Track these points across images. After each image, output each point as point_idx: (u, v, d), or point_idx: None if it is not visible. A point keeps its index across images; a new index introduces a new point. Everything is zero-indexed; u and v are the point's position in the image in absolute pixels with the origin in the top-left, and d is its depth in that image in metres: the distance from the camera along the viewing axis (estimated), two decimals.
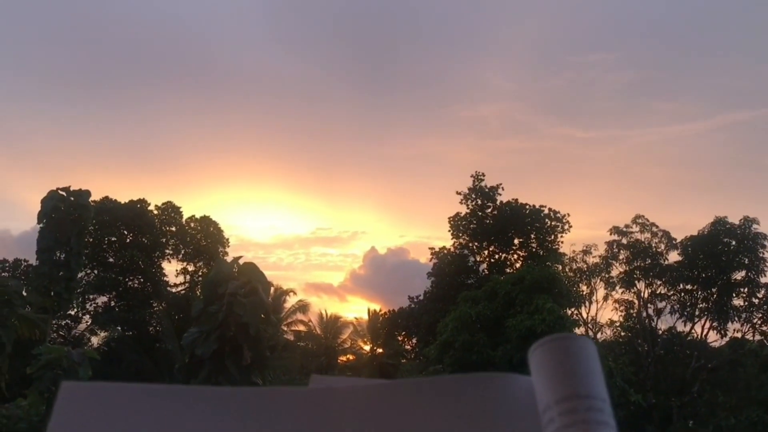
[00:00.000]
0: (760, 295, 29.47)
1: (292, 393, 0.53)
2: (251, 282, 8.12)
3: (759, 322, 29.58)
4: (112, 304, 36.61)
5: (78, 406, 0.49)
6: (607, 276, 31.30)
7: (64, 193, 18.21)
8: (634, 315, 30.97)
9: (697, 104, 48.71)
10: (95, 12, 51.71)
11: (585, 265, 31.89)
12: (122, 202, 37.62)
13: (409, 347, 38.65)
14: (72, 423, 0.48)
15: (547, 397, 0.47)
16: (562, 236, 36.55)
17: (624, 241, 31.15)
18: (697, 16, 50.16)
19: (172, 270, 39.49)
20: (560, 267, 29.58)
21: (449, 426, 0.49)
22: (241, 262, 8.35)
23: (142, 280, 37.43)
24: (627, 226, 31.41)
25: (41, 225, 18.08)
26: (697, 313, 30.25)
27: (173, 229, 39.45)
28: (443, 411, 0.50)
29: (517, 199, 36.91)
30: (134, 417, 0.49)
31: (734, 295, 29.72)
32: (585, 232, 53.32)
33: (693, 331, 30.53)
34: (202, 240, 39.42)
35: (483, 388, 0.52)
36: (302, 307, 39.83)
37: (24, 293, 14.98)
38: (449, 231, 37.33)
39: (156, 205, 39.11)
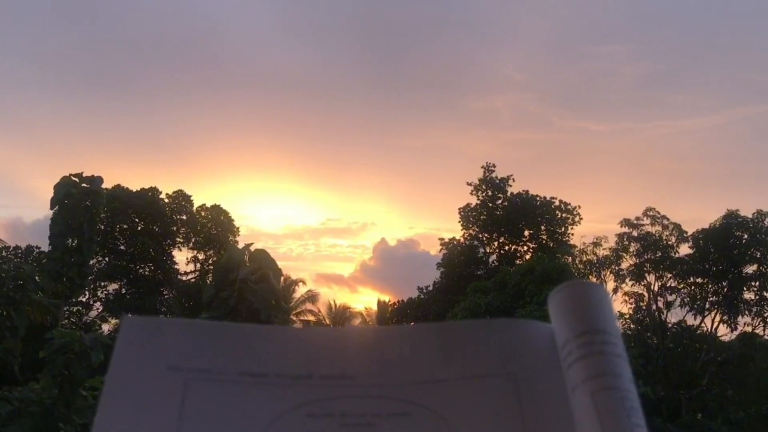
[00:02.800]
0: None
1: (329, 330, 0.61)
2: (263, 269, 8.17)
3: None
4: (123, 291, 36.85)
5: (138, 339, 0.55)
6: (617, 268, 31.19)
7: (76, 179, 18.33)
8: (644, 308, 30.86)
9: (712, 97, 48.38)
10: (108, 2, 51.85)
11: (595, 257, 31.77)
12: (134, 190, 37.78)
13: None
14: (133, 355, 0.54)
15: (567, 333, 0.53)
16: (572, 228, 36.54)
17: (635, 233, 31.02)
18: (712, 9, 49.74)
19: (182, 258, 39.74)
20: (570, 259, 29.53)
21: (470, 366, 0.55)
22: (252, 248, 8.41)
23: (152, 267, 37.65)
24: (638, 218, 31.26)
25: (54, 210, 18.22)
26: (707, 306, 30.11)
27: (184, 217, 39.60)
28: (464, 352, 0.56)
29: (527, 191, 36.88)
30: (193, 349, 0.55)
31: (745, 288, 29.57)
32: (596, 225, 52.95)
33: (703, 324, 30.42)
34: (213, 229, 39.58)
35: (504, 331, 0.58)
36: (311, 297, 39.93)
37: (37, 278, 15.12)
38: (459, 222, 37.39)
39: (167, 194, 39.26)
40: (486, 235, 36.86)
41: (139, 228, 37.76)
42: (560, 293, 0.56)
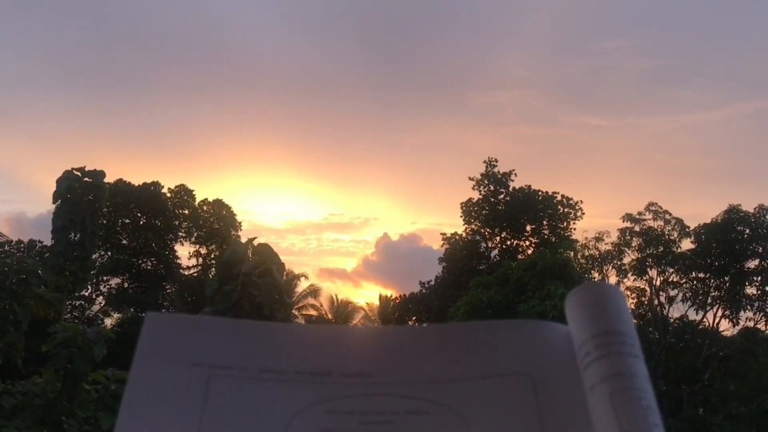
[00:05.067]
0: None
1: (349, 329, 0.63)
2: (266, 263, 8.17)
3: None
4: (126, 285, 36.94)
5: (162, 335, 0.56)
6: (619, 263, 31.20)
7: (79, 174, 18.35)
8: (646, 303, 30.87)
9: (714, 93, 48.31)
10: None
11: (597, 252, 31.78)
12: (136, 184, 37.82)
13: None
14: (156, 350, 0.55)
15: (584, 334, 0.54)
16: (574, 223, 36.52)
17: (637, 228, 31.01)
18: (715, 4, 49.60)
19: (184, 253, 39.81)
20: (572, 254, 29.52)
21: (487, 366, 0.56)
22: (255, 243, 8.41)
23: (155, 262, 37.74)
24: (640, 213, 31.25)
25: (56, 205, 18.25)
26: (709, 301, 30.12)
27: (186, 212, 39.66)
28: (482, 352, 0.57)
29: (530, 186, 36.83)
30: (215, 346, 0.56)
31: (747, 283, 29.56)
32: (598, 220, 53.20)
33: (705, 319, 30.45)
34: (215, 223, 39.64)
35: (521, 332, 0.58)
36: (313, 291, 39.98)
37: (40, 272, 15.14)
38: (461, 217, 37.36)
39: (169, 188, 39.35)
40: (488, 230, 36.85)
41: (142, 222, 37.82)
42: (577, 295, 0.56)
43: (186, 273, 39.03)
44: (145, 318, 0.58)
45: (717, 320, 30.10)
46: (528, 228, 36.83)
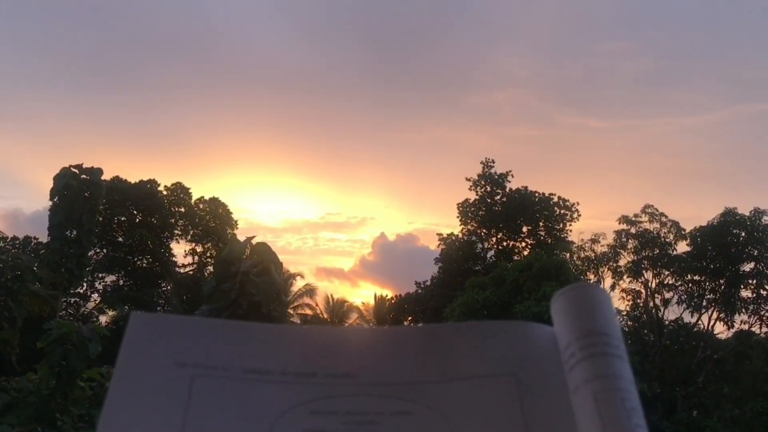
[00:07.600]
0: None
1: (334, 329, 0.62)
2: (264, 261, 8.18)
3: (767, 314, 29.47)
4: (121, 283, 36.82)
5: (146, 335, 0.56)
6: (614, 265, 31.21)
7: (76, 171, 18.33)
8: (641, 305, 30.90)
9: (711, 95, 48.40)
10: None
11: (593, 254, 31.79)
12: (132, 182, 37.71)
13: None
14: (140, 350, 0.55)
15: (569, 335, 0.54)
16: (570, 225, 36.56)
17: (633, 230, 31.04)
18: (713, 6, 49.71)
19: (180, 251, 39.72)
20: (568, 255, 29.51)
21: (472, 367, 0.56)
22: (253, 242, 8.41)
23: (150, 259, 37.61)
24: (636, 215, 31.27)
25: (53, 202, 18.23)
26: (704, 304, 30.14)
27: (182, 209, 39.56)
28: (467, 353, 0.57)
29: (526, 187, 36.86)
30: (199, 346, 0.56)
31: (742, 286, 29.59)
32: (594, 222, 53.27)
33: (700, 322, 30.48)
34: (211, 221, 39.54)
35: (507, 333, 0.59)
36: (309, 291, 39.91)
37: (35, 269, 15.12)
38: (458, 217, 37.36)
39: (165, 186, 39.20)
40: (484, 230, 36.86)
41: (138, 220, 37.70)
42: (563, 296, 0.56)
43: (182, 271, 38.94)
44: (129, 318, 0.57)
45: (712, 323, 30.14)
46: (524, 229, 36.85)
